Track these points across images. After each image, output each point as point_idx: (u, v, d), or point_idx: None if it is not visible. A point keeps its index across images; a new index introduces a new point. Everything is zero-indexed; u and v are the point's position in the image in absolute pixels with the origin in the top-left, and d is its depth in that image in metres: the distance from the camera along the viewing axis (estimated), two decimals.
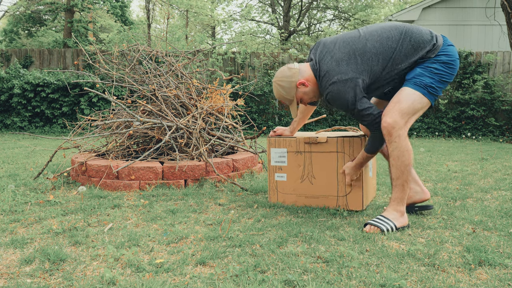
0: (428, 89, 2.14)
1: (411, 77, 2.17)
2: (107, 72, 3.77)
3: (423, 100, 2.15)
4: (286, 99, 2.31)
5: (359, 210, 2.49)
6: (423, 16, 10.87)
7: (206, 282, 1.55)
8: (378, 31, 2.21)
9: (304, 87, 2.26)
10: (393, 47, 2.16)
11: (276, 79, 2.31)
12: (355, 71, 2.14)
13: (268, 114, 8.76)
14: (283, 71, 2.30)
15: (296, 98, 2.30)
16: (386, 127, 2.12)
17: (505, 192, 3.07)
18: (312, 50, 2.33)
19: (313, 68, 2.26)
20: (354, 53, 2.16)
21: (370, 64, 2.16)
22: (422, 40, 2.16)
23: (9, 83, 8.29)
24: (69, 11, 15.46)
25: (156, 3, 20.63)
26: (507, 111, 8.25)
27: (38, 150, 5.43)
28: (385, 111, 2.16)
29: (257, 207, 2.61)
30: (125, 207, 2.61)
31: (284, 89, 2.28)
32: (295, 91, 2.27)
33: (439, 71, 2.15)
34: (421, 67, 2.17)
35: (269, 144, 2.67)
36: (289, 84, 2.26)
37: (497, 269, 1.67)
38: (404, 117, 2.12)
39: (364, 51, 2.16)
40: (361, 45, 2.17)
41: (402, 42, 2.17)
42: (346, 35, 2.26)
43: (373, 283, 1.53)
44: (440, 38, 2.20)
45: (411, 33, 2.17)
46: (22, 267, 1.69)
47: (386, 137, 2.14)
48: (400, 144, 2.12)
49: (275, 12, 20.30)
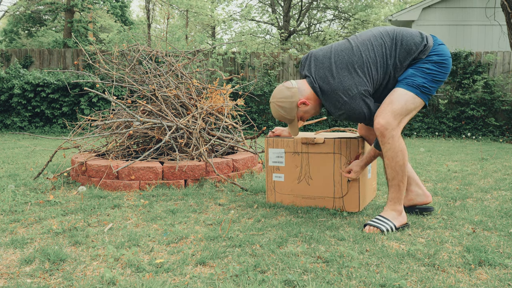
0: (420, 89, 2.15)
1: (403, 78, 2.18)
2: (107, 72, 3.77)
3: (416, 100, 2.16)
4: (286, 119, 2.30)
5: (355, 211, 2.49)
6: (423, 16, 10.87)
7: (206, 282, 1.55)
8: (370, 40, 2.20)
9: (305, 106, 2.26)
10: (388, 54, 2.17)
11: (275, 100, 2.28)
12: (359, 84, 2.14)
13: (268, 114, 8.76)
14: (282, 92, 2.27)
15: (296, 117, 2.30)
16: (379, 128, 2.12)
17: (505, 192, 3.07)
18: (305, 66, 2.30)
19: (313, 86, 2.23)
20: (353, 66, 2.15)
21: (371, 74, 2.16)
22: (414, 43, 2.17)
23: (9, 83, 8.29)
24: (69, 11, 15.46)
25: (156, 3, 20.63)
26: (507, 111, 8.25)
27: (38, 150, 5.43)
28: (377, 112, 2.16)
29: (257, 207, 2.61)
30: (125, 207, 2.61)
31: (285, 110, 2.26)
32: (296, 111, 2.27)
33: (431, 70, 2.16)
34: (413, 67, 2.18)
35: (267, 144, 2.67)
36: (290, 105, 2.25)
37: (497, 269, 1.67)
38: (397, 118, 2.13)
39: (362, 63, 2.16)
40: (357, 57, 2.16)
41: (395, 47, 2.17)
42: (337, 47, 2.23)
43: (373, 283, 1.53)
44: (430, 38, 2.21)
45: (402, 37, 2.18)
46: (22, 267, 1.69)
47: (380, 138, 2.14)
48: (393, 145, 2.12)
49: (275, 12, 20.30)
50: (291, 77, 9.02)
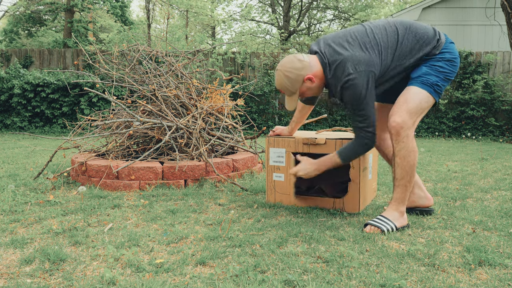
0: (434, 87, 2.14)
1: (417, 76, 2.16)
2: (107, 72, 3.77)
3: (430, 99, 2.15)
4: (288, 90, 2.19)
5: (355, 212, 2.49)
6: (423, 16, 10.87)
7: (206, 282, 1.55)
8: (384, 25, 2.19)
9: (310, 83, 2.17)
10: (399, 41, 2.15)
11: (283, 69, 2.17)
12: (369, 62, 2.09)
13: (268, 114, 8.76)
14: (292, 62, 2.17)
15: (299, 92, 2.21)
16: (395, 126, 2.09)
17: (505, 192, 3.07)
18: (314, 45, 2.25)
19: (322, 62, 2.16)
20: (365, 45, 2.11)
21: (381, 57, 2.13)
22: (427, 36, 2.16)
23: (9, 83, 8.29)
24: (69, 11, 15.46)
25: (156, 3, 20.63)
26: (507, 111, 8.25)
27: (38, 150, 5.43)
28: (393, 111, 2.13)
29: (257, 207, 2.61)
30: (125, 207, 2.61)
31: (290, 81, 2.16)
32: (300, 84, 2.17)
33: (444, 69, 2.15)
34: (427, 65, 2.16)
35: (268, 144, 2.67)
36: (297, 77, 2.15)
37: (497, 269, 1.67)
38: (412, 117, 2.11)
39: (375, 44, 2.12)
40: (370, 38, 2.14)
41: (407, 36, 2.15)
42: (351, 30, 2.21)
43: (373, 283, 1.53)
44: (442, 35, 2.21)
45: (416, 29, 2.17)
46: (22, 267, 1.69)
47: (394, 137, 2.11)
48: (407, 144, 2.10)
49: (275, 12, 20.30)
50: None
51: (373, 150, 2.73)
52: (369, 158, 2.63)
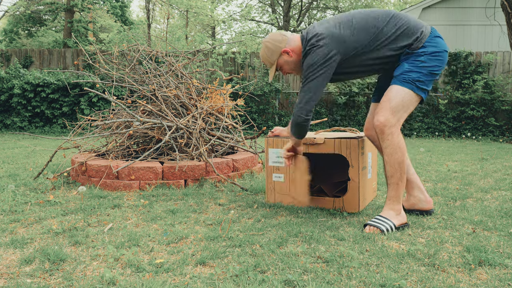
0: (416, 83, 2.16)
1: (399, 74, 2.19)
2: (107, 72, 3.77)
3: (413, 96, 2.17)
4: (267, 61, 2.35)
5: (355, 212, 2.49)
6: (423, 16, 10.87)
7: (206, 282, 1.55)
8: (367, 11, 2.27)
9: (288, 56, 2.30)
10: (377, 26, 2.19)
11: (265, 40, 2.36)
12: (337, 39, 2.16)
13: (268, 114, 8.76)
14: (274, 35, 2.35)
15: (276, 64, 2.35)
16: (379, 125, 2.15)
17: (505, 192, 3.07)
18: None
19: (302, 38, 2.29)
20: (340, 24, 2.22)
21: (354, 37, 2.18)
22: (408, 26, 2.19)
23: (9, 83, 8.29)
24: (69, 11, 15.47)
25: (156, 3, 20.63)
26: (507, 111, 8.25)
27: (38, 150, 5.43)
28: (376, 110, 2.20)
29: (257, 207, 2.61)
30: (125, 207, 2.61)
31: (269, 50, 2.32)
32: (277, 56, 2.32)
33: (426, 63, 2.17)
34: (408, 62, 2.18)
35: (267, 144, 2.67)
36: (275, 48, 2.31)
37: (497, 269, 1.67)
38: (395, 115, 2.15)
39: (350, 25, 2.20)
40: (348, 19, 2.23)
41: (388, 23, 2.20)
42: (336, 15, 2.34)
43: (373, 283, 1.53)
44: (428, 28, 2.22)
45: (399, 18, 2.21)
46: (22, 267, 1.69)
47: (380, 135, 2.17)
48: (392, 142, 2.14)
49: (275, 12, 20.31)
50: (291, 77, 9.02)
51: (372, 149, 2.73)
52: (368, 158, 2.63)
